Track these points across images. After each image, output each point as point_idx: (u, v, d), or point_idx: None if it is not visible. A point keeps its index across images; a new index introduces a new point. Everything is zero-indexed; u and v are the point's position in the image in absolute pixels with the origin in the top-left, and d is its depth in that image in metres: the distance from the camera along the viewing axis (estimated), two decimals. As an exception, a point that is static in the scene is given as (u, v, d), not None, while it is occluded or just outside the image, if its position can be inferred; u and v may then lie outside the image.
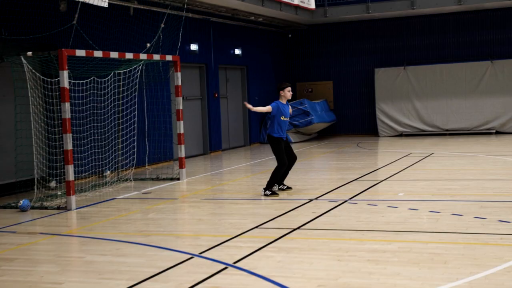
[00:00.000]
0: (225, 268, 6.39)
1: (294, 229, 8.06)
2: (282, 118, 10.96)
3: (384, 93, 22.99)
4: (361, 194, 10.59)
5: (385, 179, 12.34)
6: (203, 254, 6.98)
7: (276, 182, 11.12)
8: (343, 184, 11.88)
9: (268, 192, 10.92)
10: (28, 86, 11.25)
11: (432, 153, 16.69)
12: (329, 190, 11.16)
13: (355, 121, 24.28)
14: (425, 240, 7.19)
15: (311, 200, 10.21)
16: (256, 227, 8.35)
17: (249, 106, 11.07)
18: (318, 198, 10.41)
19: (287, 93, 11.25)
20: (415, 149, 17.89)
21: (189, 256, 6.95)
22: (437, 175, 12.70)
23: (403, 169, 13.64)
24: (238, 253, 6.94)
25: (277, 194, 10.94)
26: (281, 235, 7.75)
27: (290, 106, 11.44)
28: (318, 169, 15.09)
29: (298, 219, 8.70)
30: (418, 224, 8.07)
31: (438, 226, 7.88)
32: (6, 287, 6.15)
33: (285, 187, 11.38)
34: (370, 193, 10.82)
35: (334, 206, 9.55)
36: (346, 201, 9.97)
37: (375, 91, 23.16)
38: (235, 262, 6.56)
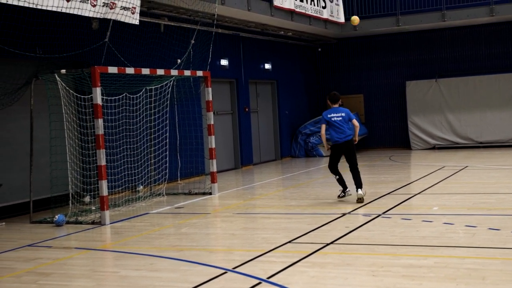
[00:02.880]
0: (259, 283, 6.37)
1: (328, 244, 8.00)
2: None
3: (416, 106, 22.81)
4: (394, 208, 10.49)
5: (418, 193, 12.20)
6: (236, 269, 6.97)
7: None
8: (376, 198, 11.78)
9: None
10: (62, 103, 11.42)
11: (466, 166, 16.47)
12: (361, 205, 11.07)
13: (386, 134, 24.11)
14: (462, 255, 7.08)
15: (344, 215, 10.15)
16: (289, 241, 8.31)
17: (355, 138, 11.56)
18: (351, 212, 10.33)
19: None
20: (449, 162, 17.68)
21: (223, 271, 6.94)
22: (472, 189, 12.52)
23: (437, 183, 13.47)
24: (271, 268, 6.91)
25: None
26: (314, 250, 7.71)
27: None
28: (350, 183, 14.94)
29: (331, 234, 8.64)
30: (454, 239, 7.95)
31: (474, 241, 7.75)
32: (43, 302, 6.21)
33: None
34: (403, 207, 10.70)
35: (368, 221, 9.46)
36: (379, 215, 9.88)
37: (407, 104, 22.99)
38: (268, 277, 6.53)
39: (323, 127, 11.56)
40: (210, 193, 13.59)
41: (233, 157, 19.48)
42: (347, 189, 11.74)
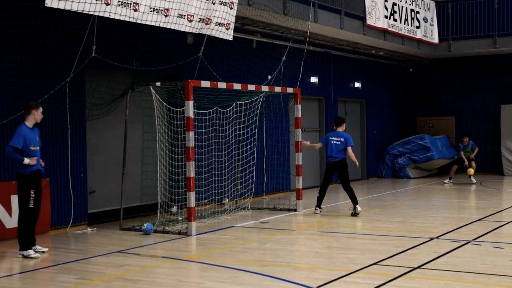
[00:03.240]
0: (343, 303, 6.30)
1: (414, 268, 7.82)
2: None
3: (510, 131, 22.00)
4: (485, 236, 10.13)
5: (511, 221, 11.74)
6: (320, 288, 6.93)
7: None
8: (466, 224, 11.42)
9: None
10: (156, 115, 11.75)
11: None
12: (450, 230, 10.77)
13: (478, 158, 23.33)
14: (558, 288, 6.76)
15: (431, 239, 9.89)
16: (375, 263, 8.18)
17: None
18: (439, 237, 10.06)
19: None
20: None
21: (307, 289, 6.92)
22: None
23: (531, 211, 12.94)
24: (356, 289, 6.82)
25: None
26: (400, 273, 7.55)
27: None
28: (438, 207, 14.60)
29: (418, 258, 8.44)
30: (549, 271, 7.60)
31: None
32: (131, 308, 6.38)
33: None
34: (495, 234, 10.32)
35: (457, 247, 9.19)
36: (469, 241, 9.57)
37: (501, 128, 22.22)
38: (353, 298, 6.45)
39: (320, 144, 13.45)
40: (295, 210, 13.59)
41: (318, 174, 19.39)
42: (320, 209, 13.22)
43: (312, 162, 19.01)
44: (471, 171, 19.26)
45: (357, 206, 12.72)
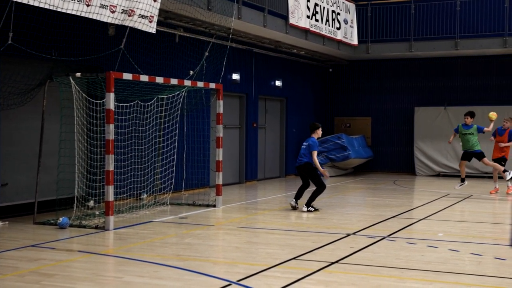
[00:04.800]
0: (263, 297, 6.35)
1: (332, 263, 7.98)
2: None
3: (423, 132, 22.82)
4: (399, 232, 10.46)
5: (423, 219, 12.17)
6: (241, 282, 6.95)
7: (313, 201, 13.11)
8: (381, 220, 11.75)
9: (311, 209, 12.91)
10: (75, 106, 11.45)
11: (471, 195, 16.44)
12: (366, 226, 11.05)
13: (392, 158, 24.10)
14: (468, 282, 7.05)
15: (348, 235, 10.12)
16: (294, 258, 8.29)
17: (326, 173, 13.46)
18: (356, 233, 10.30)
19: (320, 132, 13.54)
20: (453, 190, 17.63)
21: (227, 283, 6.92)
22: (478, 217, 12.49)
23: (441, 210, 13.44)
24: (276, 283, 6.89)
25: (318, 210, 12.98)
26: (319, 268, 7.68)
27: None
28: (354, 204, 14.96)
29: (336, 253, 8.62)
30: (459, 266, 7.92)
31: (480, 269, 7.72)
32: (46, 302, 6.19)
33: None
34: (408, 231, 10.68)
35: (372, 242, 9.44)
36: (384, 237, 9.86)
37: (414, 130, 23.01)
38: (273, 292, 6.51)
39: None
40: (214, 206, 13.58)
41: (237, 171, 19.48)
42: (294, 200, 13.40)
43: (232, 159, 19.05)
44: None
45: (304, 206, 12.99)
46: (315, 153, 13.06)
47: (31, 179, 11.95)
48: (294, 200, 13.39)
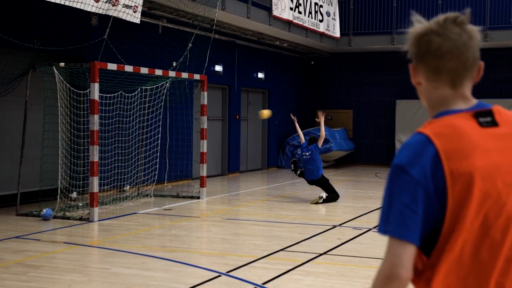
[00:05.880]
0: (254, 288, 6.33)
1: (321, 254, 7.98)
2: None
3: (404, 125, 22.93)
4: (385, 224, 10.49)
5: (407, 210, 12.22)
6: (230, 273, 6.93)
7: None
8: (365, 212, 11.79)
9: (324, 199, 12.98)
10: (58, 97, 11.32)
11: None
12: (352, 218, 11.09)
13: (373, 151, 24.21)
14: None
15: (334, 227, 10.14)
16: (282, 249, 8.28)
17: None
18: (342, 225, 10.33)
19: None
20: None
21: (216, 274, 6.90)
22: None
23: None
24: (265, 275, 6.87)
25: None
26: (307, 259, 7.68)
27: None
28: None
29: (323, 244, 8.63)
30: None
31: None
32: (35, 294, 6.12)
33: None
34: (393, 223, 10.71)
35: (359, 234, 9.47)
36: (370, 229, 9.89)
37: (395, 123, 23.12)
38: (264, 283, 6.49)
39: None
40: (198, 197, 13.52)
41: (220, 163, 19.43)
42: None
43: (214, 151, 19.00)
44: None
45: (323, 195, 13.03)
46: (320, 142, 13.08)
47: (14, 170, 11.79)
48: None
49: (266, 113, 14.31)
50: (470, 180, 1.86)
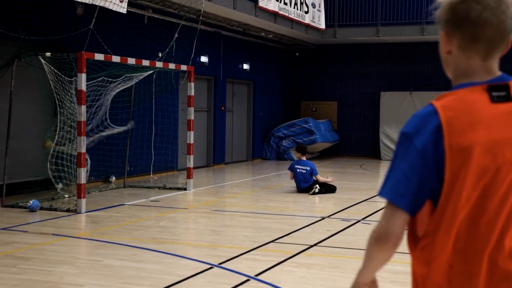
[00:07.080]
0: (247, 280, 6.31)
1: (311, 246, 7.99)
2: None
3: (388, 117, 23.01)
4: (373, 215, 10.54)
5: (394, 202, 12.27)
6: (222, 265, 6.90)
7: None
8: (353, 204, 11.83)
9: (320, 189, 13.07)
10: (52, 86, 11.18)
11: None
12: (340, 209, 11.11)
13: (357, 142, 24.28)
14: (447, 264, 7.13)
15: (323, 218, 10.15)
16: (272, 241, 8.27)
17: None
18: (331, 217, 10.35)
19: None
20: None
21: (208, 266, 6.87)
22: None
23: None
24: (258, 266, 6.86)
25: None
26: (299, 251, 7.68)
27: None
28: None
29: (313, 236, 8.64)
30: (436, 248, 8.00)
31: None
32: (27, 286, 6.05)
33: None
34: (381, 214, 10.75)
35: (348, 225, 9.49)
36: (359, 221, 9.92)
37: (380, 114, 23.19)
38: (256, 275, 6.48)
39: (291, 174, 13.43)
40: (185, 189, 13.47)
41: (205, 154, 19.37)
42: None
43: (200, 142, 18.93)
44: None
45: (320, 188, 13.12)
46: (319, 176, 13.33)
47: (-1, 161, 11.65)
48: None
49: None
50: (469, 154, 1.90)
